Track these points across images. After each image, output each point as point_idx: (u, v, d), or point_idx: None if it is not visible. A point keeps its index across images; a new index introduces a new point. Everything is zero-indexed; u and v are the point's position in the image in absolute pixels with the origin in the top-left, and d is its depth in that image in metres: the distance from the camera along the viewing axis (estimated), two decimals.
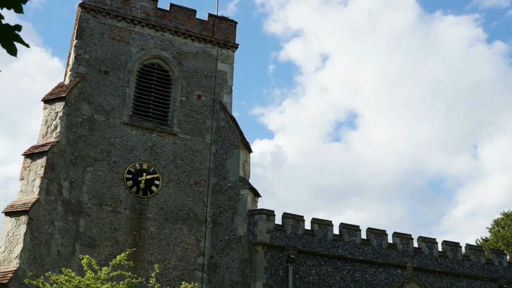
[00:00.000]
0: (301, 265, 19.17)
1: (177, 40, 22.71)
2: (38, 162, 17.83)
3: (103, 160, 19.76)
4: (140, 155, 20.40)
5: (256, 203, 20.20)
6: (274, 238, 19.23)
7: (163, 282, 18.49)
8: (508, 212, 37.60)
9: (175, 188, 20.43)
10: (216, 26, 23.52)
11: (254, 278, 18.48)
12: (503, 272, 22.57)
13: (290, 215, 19.90)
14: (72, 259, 17.89)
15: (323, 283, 19.22)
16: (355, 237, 20.51)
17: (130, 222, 19.36)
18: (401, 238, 21.32)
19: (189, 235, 19.92)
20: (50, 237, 17.44)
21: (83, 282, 13.23)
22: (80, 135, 19.63)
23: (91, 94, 20.51)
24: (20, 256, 16.02)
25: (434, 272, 21.22)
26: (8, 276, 15.46)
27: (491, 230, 37.71)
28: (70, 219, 18.37)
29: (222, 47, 23.27)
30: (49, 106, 19.38)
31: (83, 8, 21.61)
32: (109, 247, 18.70)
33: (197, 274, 19.39)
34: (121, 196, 19.56)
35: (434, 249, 21.78)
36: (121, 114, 20.67)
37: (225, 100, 22.44)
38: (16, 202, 17.25)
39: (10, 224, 16.67)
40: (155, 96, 21.87)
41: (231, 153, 20.85)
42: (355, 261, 20.05)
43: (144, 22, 22.28)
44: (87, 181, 19.27)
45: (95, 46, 21.28)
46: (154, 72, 22.18)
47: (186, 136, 21.35)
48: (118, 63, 21.38)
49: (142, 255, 19.03)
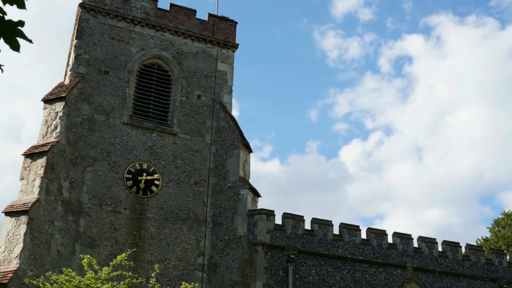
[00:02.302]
0: (301, 265, 19.15)
1: (177, 40, 22.70)
2: (38, 162, 17.82)
3: (103, 160, 19.74)
4: (140, 155, 20.38)
5: (256, 203, 20.18)
6: (274, 238, 19.22)
7: (163, 282, 18.47)
8: (509, 212, 37.59)
9: (175, 188, 20.41)
10: (216, 26, 23.52)
11: (254, 278, 18.46)
12: (503, 272, 22.55)
13: (290, 215, 19.89)
14: (72, 259, 17.87)
15: (323, 283, 19.21)
16: (355, 237, 20.49)
17: (130, 222, 19.34)
18: (401, 238, 21.30)
19: (189, 235, 19.90)
20: (50, 237, 17.42)
21: (83, 282, 13.21)
22: (80, 135, 19.62)
23: (91, 94, 20.50)
24: (20, 256, 15.99)
25: (434, 272, 21.20)
26: (8, 276, 15.44)
27: (492, 230, 37.69)
28: (70, 219, 18.35)
29: (222, 47, 23.27)
30: (49, 106, 19.36)
31: (83, 8, 21.60)
32: (109, 247, 18.67)
33: (197, 274, 19.37)
34: (121, 196, 19.55)
35: (434, 249, 21.76)
36: (121, 114, 20.65)
37: (225, 100, 22.44)
38: (16, 202, 17.23)
39: (10, 224, 16.65)
40: (155, 96, 21.85)
41: (231, 153, 20.84)
42: (355, 261, 20.04)
43: (144, 22, 22.27)
44: (87, 181, 19.25)
45: (95, 46, 21.26)
46: (154, 72, 22.17)
47: (186, 136, 21.34)
48: (118, 63, 21.37)
49: (142, 255, 19.01)
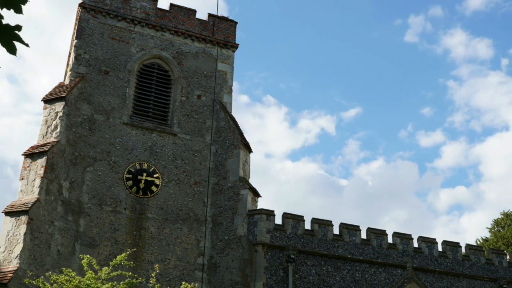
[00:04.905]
0: (301, 265, 19.16)
1: (177, 40, 22.71)
2: (38, 162, 17.83)
3: (103, 160, 19.75)
4: (140, 155, 20.39)
5: (256, 203, 20.19)
6: (274, 238, 19.22)
7: (163, 282, 18.48)
8: (508, 212, 37.59)
9: (175, 188, 20.42)
10: (216, 26, 23.52)
11: (254, 278, 18.47)
12: (503, 272, 22.56)
13: (290, 215, 19.89)
14: (72, 259, 17.89)
15: (323, 283, 19.22)
16: (355, 237, 20.50)
17: (130, 222, 19.35)
18: (401, 238, 21.30)
19: (189, 235, 19.91)
20: (50, 237, 17.43)
21: (83, 282, 13.23)
22: (80, 135, 19.63)
23: (91, 94, 20.51)
24: (20, 256, 16.01)
25: (434, 272, 21.20)
26: (8, 276, 15.46)
27: (491, 230, 37.68)
28: (70, 219, 18.36)
29: (222, 47, 23.27)
30: (49, 106, 19.38)
31: (83, 8, 21.60)
32: (109, 247, 18.69)
33: (197, 274, 19.38)
34: (121, 196, 19.56)
35: (434, 249, 21.76)
36: (121, 114, 20.66)
37: (225, 100, 22.44)
38: (16, 202, 17.24)
39: (10, 224, 16.66)
40: (155, 96, 21.86)
41: (231, 153, 20.85)
42: (355, 261, 20.05)
43: (144, 22, 22.28)
44: (87, 181, 19.27)
45: (95, 46, 21.27)
46: (154, 72, 22.18)
47: (186, 136, 21.34)
48: (118, 63, 21.38)
49: (142, 255, 19.02)
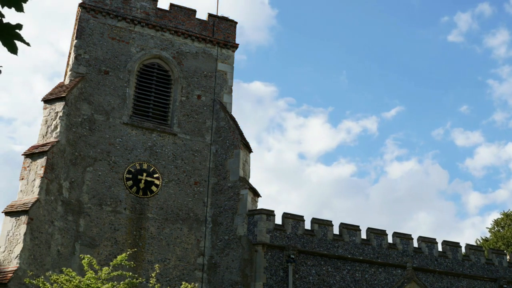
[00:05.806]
0: (301, 265, 19.16)
1: (177, 40, 22.70)
2: (38, 162, 17.82)
3: (103, 160, 19.75)
4: (140, 155, 20.39)
5: (256, 203, 20.19)
6: (274, 238, 19.22)
7: (163, 282, 18.48)
8: (508, 212, 37.60)
9: (175, 188, 20.42)
10: (216, 26, 23.52)
11: (254, 278, 18.47)
12: (503, 272, 22.56)
13: (290, 215, 19.89)
14: (72, 259, 17.89)
15: (323, 283, 19.21)
16: (355, 237, 20.49)
17: (130, 222, 19.35)
18: (401, 238, 21.30)
19: (189, 235, 19.91)
20: (50, 237, 17.43)
21: (83, 282, 13.22)
22: (80, 135, 19.62)
23: (91, 94, 20.51)
24: (20, 256, 16.01)
25: (434, 272, 21.20)
26: (8, 276, 15.45)
27: (491, 230, 37.69)
28: (70, 219, 18.36)
29: (222, 47, 23.27)
30: (49, 106, 19.37)
31: (83, 8, 21.60)
32: (109, 247, 18.69)
33: (197, 274, 19.38)
34: (121, 196, 19.56)
35: (434, 249, 21.76)
36: (121, 114, 20.66)
37: (225, 100, 22.44)
38: (16, 202, 17.24)
39: (10, 224, 16.66)
40: (155, 96, 21.86)
41: (231, 153, 20.84)
42: (355, 261, 20.04)
43: (144, 22, 22.27)
44: (87, 181, 19.26)
45: (95, 46, 21.27)
46: (154, 72, 22.17)
47: (186, 136, 21.34)
48: (118, 63, 21.37)
49: (142, 255, 19.02)
